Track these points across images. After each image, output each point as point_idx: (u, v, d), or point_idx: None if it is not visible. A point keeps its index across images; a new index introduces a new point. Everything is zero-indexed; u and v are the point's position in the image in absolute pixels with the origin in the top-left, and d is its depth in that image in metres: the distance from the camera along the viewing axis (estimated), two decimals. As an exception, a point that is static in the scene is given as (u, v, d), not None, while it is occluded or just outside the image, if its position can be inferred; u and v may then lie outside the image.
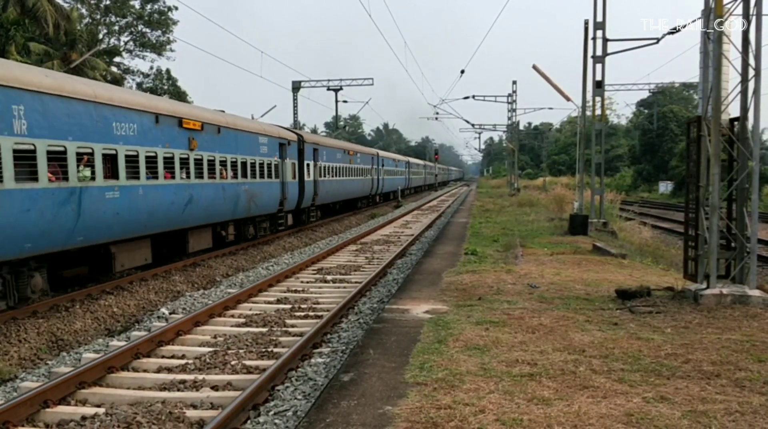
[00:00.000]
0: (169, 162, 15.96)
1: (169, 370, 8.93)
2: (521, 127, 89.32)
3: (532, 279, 13.01)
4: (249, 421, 7.11)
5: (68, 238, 12.00)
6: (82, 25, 42.44)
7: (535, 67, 28.55)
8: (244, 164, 20.86)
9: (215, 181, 18.51)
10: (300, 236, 26.42)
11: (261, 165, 22.44)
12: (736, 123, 10.56)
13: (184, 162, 16.83)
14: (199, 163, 17.58)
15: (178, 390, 8.12)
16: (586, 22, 23.51)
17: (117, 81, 37.00)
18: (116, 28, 48.98)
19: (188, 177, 16.89)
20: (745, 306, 9.93)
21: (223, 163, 19.27)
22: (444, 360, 7.45)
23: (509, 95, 61.58)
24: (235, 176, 20.03)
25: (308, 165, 28.37)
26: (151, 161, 15.05)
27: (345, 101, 60.60)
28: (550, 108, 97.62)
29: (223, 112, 21.02)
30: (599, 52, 23.22)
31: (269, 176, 23.15)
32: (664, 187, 68.04)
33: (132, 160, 14.15)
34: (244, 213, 21.01)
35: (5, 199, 10.43)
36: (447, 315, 9.85)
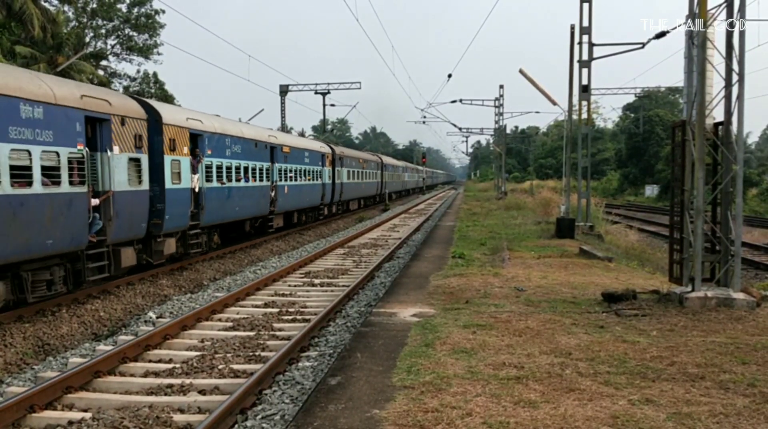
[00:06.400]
0: None
1: (157, 374, 8.90)
2: (508, 131, 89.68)
3: (519, 282, 13.07)
4: (236, 425, 7.11)
5: None
6: (69, 28, 42.22)
7: (522, 72, 28.68)
8: None
9: None
10: (287, 240, 26.34)
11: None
12: (720, 127, 10.67)
13: None
14: None
15: (166, 394, 8.10)
16: (572, 27, 23.65)
17: (104, 84, 36.82)
18: (103, 31, 48.68)
19: None
20: (730, 308, 10.03)
21: None
22: (431, 363, 7.48)
23: (496, 99, 61.86)
24: None
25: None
26: None
27: (333, 105, 60.30)
28: (537, 112, 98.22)
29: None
30: (585, 57, 23.38)
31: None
32: (650, 190, 68.61)
33: None
34: None
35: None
36: (434, 318, 9.88)
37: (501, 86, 61.61)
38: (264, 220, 24.88)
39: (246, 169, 22.06)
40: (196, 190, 18.14)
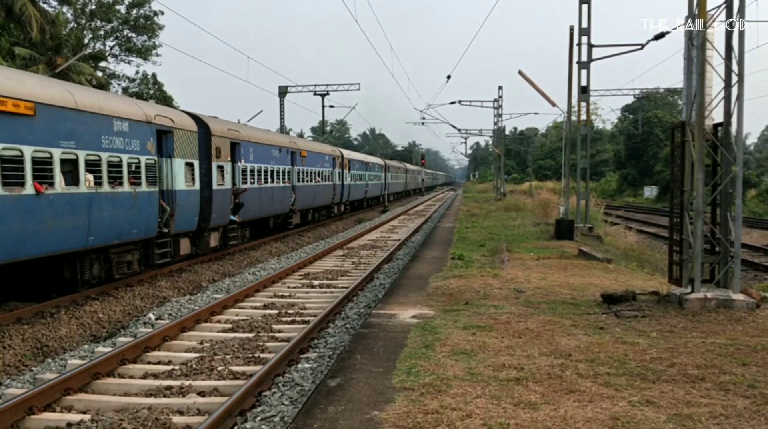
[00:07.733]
0: None
1: (156, 376, 8.88)
2: (507, 132, 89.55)
3: (519, 283, 13.06)
4: (236, 427, 7.10)
5: None
6: (68, 29, 42.19)
7: (521, 73, 28.71)
8: None
9: None
10: (287, 241, 26.34)
11: None
12: (719, 128, 10.66)
13: None
14: None
15: (165, 396, 8.08)
16: (572, 29, 23.67)
17: (102, 86, 36.81)
18: (102, 32, 48.63)
19: None
20: (730, 310, 10.02)
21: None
22: (431, 365, 7.47)
23: (495, 100, 61.84)
24: None
25: None
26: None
27: (332, 106, 60.15)
28: (536, 113, 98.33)
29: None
30: (584, 58, 23.38)
31: None
32: (649, 191, 68.57)
33: None
34: None
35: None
36: (434, 320, 9.87)
37: (500, 88, 61.64)
38: (361, 201, 47.71)
39: (359, 175, 44.99)
40: (348, 184, 40.11)
